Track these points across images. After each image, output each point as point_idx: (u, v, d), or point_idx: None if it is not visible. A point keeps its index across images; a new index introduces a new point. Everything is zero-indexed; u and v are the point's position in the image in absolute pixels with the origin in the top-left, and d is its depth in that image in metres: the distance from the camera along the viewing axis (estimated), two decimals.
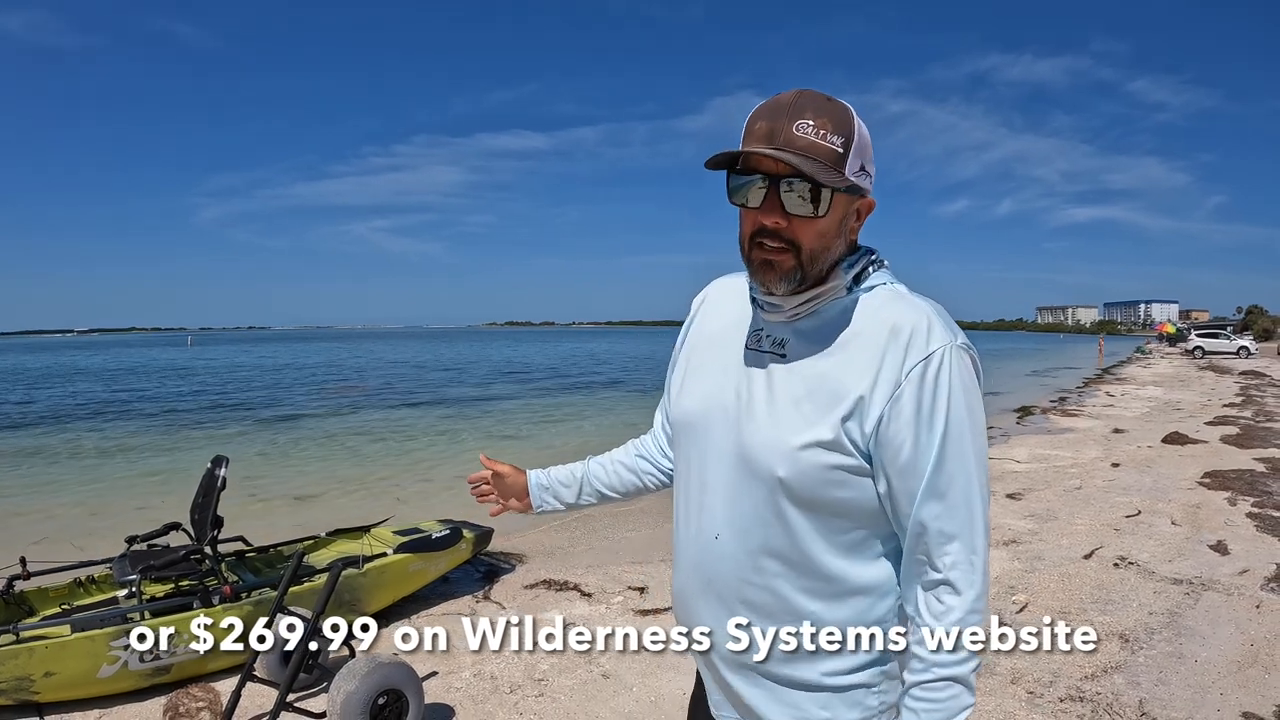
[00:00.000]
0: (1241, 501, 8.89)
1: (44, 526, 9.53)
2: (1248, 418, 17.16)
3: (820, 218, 1.37)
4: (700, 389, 1.57)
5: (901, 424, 1.35)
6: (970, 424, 1.37)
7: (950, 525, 1.36)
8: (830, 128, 1.34)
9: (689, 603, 1.57)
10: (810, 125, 1.34)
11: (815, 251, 1.39)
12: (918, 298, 1.45)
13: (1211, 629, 5.26)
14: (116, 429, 19.03)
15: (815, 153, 1.33)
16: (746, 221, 1.42)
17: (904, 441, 1.35)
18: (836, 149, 1.35)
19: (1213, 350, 49.90)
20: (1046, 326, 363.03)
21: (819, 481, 1.39)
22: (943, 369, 1.35)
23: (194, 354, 74.82)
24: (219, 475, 5.05)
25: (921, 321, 1.38)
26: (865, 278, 1.46)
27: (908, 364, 1.36)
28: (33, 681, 4.22)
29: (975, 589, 1.36)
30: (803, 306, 1.44)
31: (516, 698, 4.49)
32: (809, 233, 1.38)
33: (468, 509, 9.22)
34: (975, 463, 1.37)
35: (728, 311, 1.61)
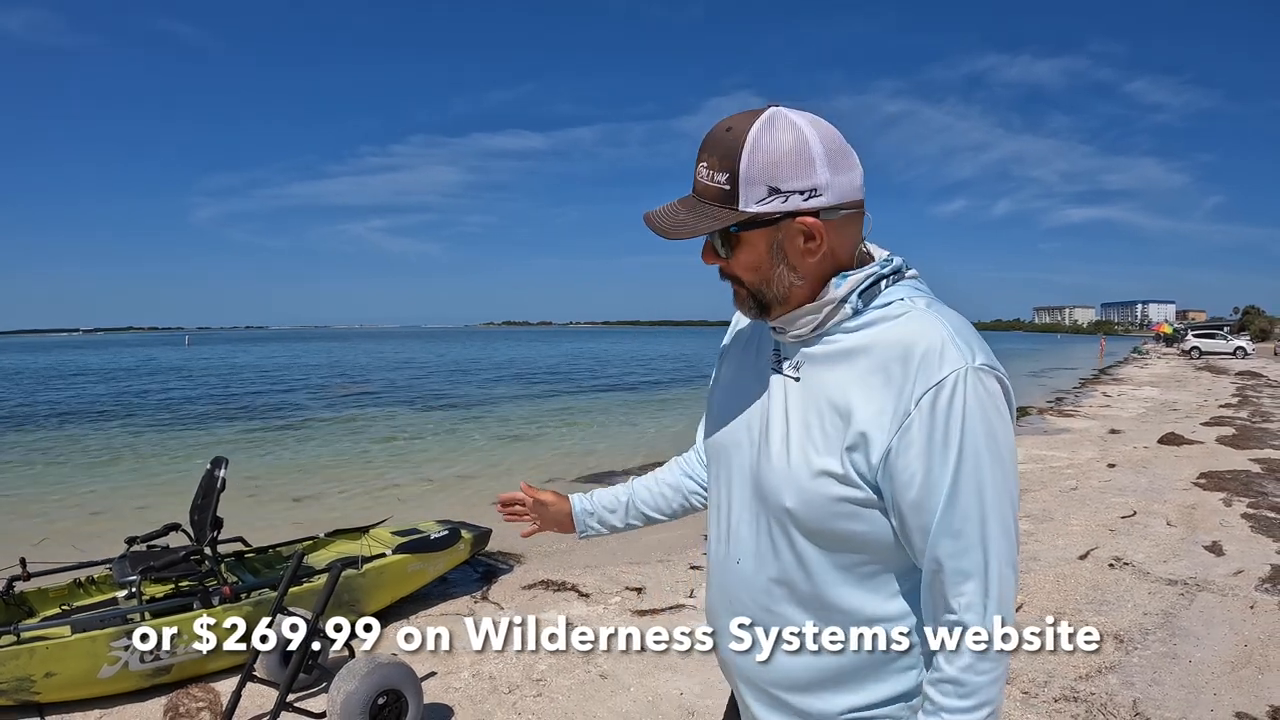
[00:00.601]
0: (1237, 502, 8.91)
1: (44, 527, 9.54)
2: (1244, 418, 17.18)
3: (730, 259, 1.36)
4: (726, 413, 1.53)
5: (911, 456, 1.25)
6: (990, 454, 1.24)
7: (966, 563, 1.26)
8: (716, 164, 1.29)
9: (715, 623, 1.55)
10: (705, 167, 1.31)
11: (755, 283, 1.37)
12: (937, 313, 1.33)
13: (1206, 629, 5.28)
14: (115, 430, 19.01)
15: (706, 195, 1.31)
16: None
17: (914, 475, 1.25)
18: (721, 187, 1.29)
19: (1209, 350, 49.94)
20: (1043, 327, 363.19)
21: (827, 514, 1.33)
22: (956, 395, 1.23)
23: (192, 354, 74.70)
24: (218, 476, 5.07)
25: (935, 342, 1.27)
26: (876, 294, 1.36)
27: (917, 390, 1.25)
28: (33, 682, 4.23)
29: (987, 633, 1.26)
30: (804, 328, 1.38)
31: (515, 698, 4.51)
32: (741, 267, 1.36)
33: (466, 509, 9.25)
34: (995, 496, 1.25)
35: (755, 330, 1.56)
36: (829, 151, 1.29)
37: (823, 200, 1.29)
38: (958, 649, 1.27)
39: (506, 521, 1.93)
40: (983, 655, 1.26)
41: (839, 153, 1.31)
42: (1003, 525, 1.26)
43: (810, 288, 1.36)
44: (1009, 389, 1.29)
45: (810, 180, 1.28)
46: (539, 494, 1.89)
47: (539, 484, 1.95)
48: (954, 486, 1.24)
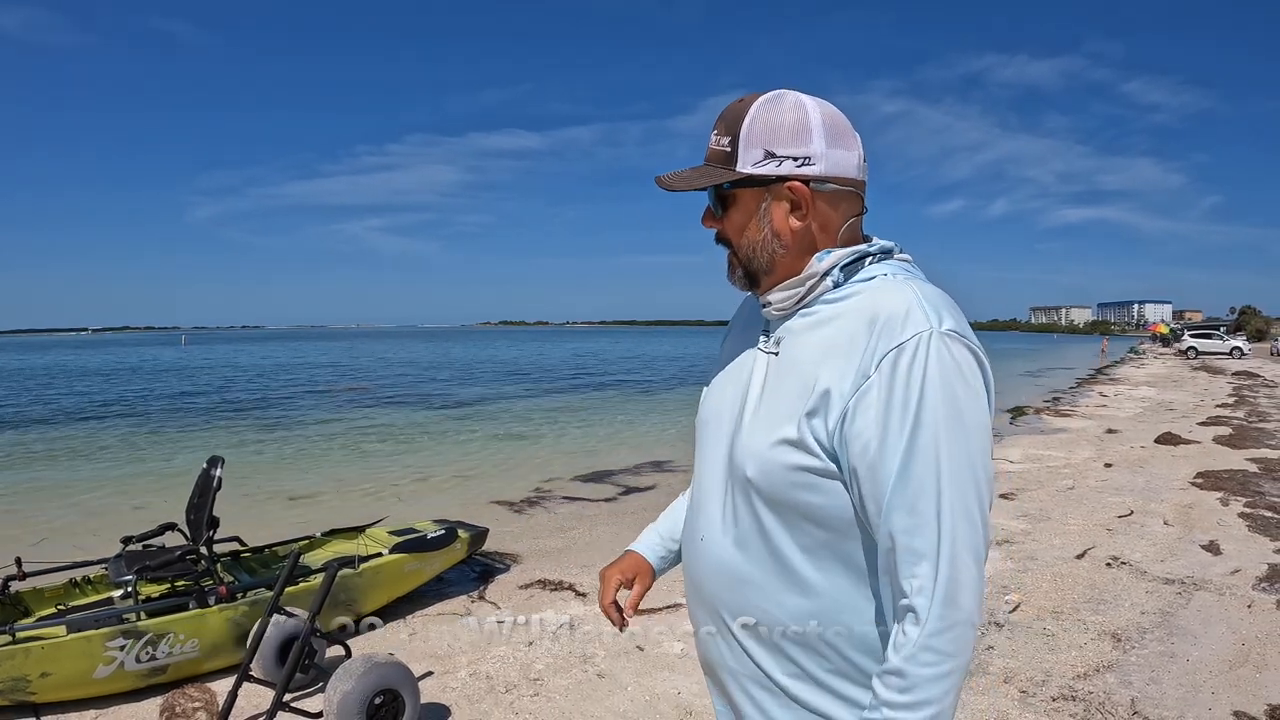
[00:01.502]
0: (1234, 502, 8.92)
1: (40, 527, 9.53)
2: (1240, 418, 17.21)
3: (725, 215, 1.41)
4: (714, 392, 1.54)
5: (868, 420, 1.20)
6: (950, 422, 1.17)
7: (919, 542, 1.17)
8: (722, 129, 1.37)
9: (689, 606, 1.55)
10: (714, 135, 1.39)
11: (743, 247, 1.40)
12: (911, 283, 1.30)
13: (1203, 628, 5.28)
14: (111, 429, 19.00)
15: (711, 159, 1.39)
16: None
17: (869, 440, 1.19)
18: (724, 149, 1.36)
19: (1206, 351, 50.11)
20: (1040, 327, 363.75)
21: (785, 483, 1.28)
22: (917, 358, 1.18)
23: (188, 353, 74.69)
24: (214, 475, 5.05)
25: (900, 306, 1.23)
26: (859, 269, 1.35)
27: (878, 352, 1.21)
28: (29, 682, 4.22)
29: (936, 621, 1.16)
30: (786, 301, 1.39)
31: (512, 697, 4.50)
32: (732, 230, 1.41)
33: (463, 509, 9.26)
34: (954, 470, 1.18)
35: (752, 314, 1.56)
36: (827, 125, 1.33)
37: (815, 169, 1.33)
38: (904, 635, 1.18)
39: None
40: (926, 647, 1.16)
41: (837, 129, 1.35)
42: (963, 504, 1.18)
43: (795, 260, 1.38)
44: (983, 362, 1.24)
45: (805, 148, 1.32)
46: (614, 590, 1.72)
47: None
48: (908, 454, 1.17)
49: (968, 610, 1.18)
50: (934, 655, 1.16)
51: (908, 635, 1.17)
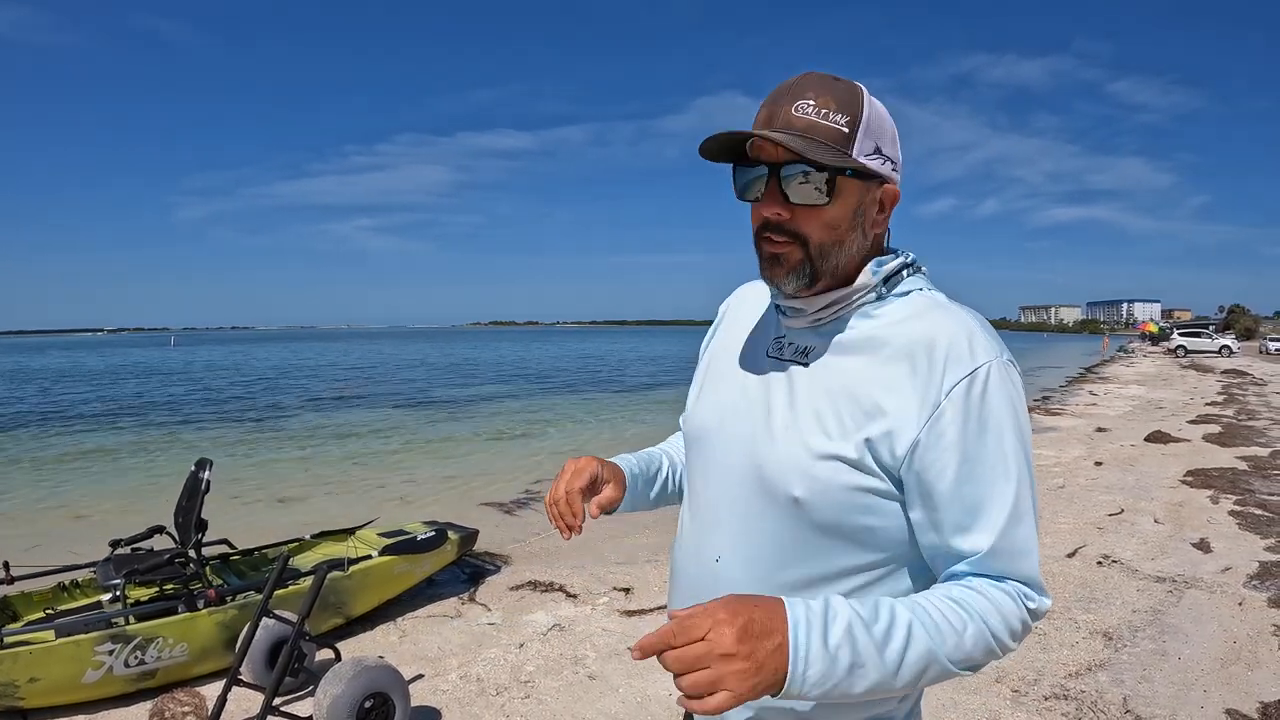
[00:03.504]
0: (1224, 500, 8.95)
1: (26, 529, 9.48)
2: (1230, 416, 17.28)
3: (825, 205, 1.23)
4: (716, 399, 1.45)
5: (944, 448, 1.17)
6: (1021, 445, 1.20)
7: (1008, 544, 1.19)
8: (833, 105, 1.21)
9: None
10: (811, 105, 1.21)
11: (825, 245, 1.25)
12: (957, 306, 1.29)
13: (1195, 626, 5.29)
14: (99, 431, 18.93)
15: (816, 133, 1.20)
16: (753, 216, 1.29)
17: (946, 467, 1.17)
18: (840, 128, 1.21)
19: (1195, 349, 50.35)
20: (1030, 325, 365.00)
21: (841, 505, 1.22)
22: (989, 386, 1.18)
23: (178, 355, 74.46)
24: (203, 478, 5.03)
25: (962, 333, 1.22)
26: (899, 282, 1.32)
27: (948, 381, 1.18)
28: (17, 687, 4.19)
29: (1038, 600, 1.21)
30: (826, 311, 1.31)
31: (503, 700, 4.48)
32: (815, 223, 1.24)
33: (453, 510, 9.23)
34: (1027, 489, 1.21)
35: (751, 317, 1.50)
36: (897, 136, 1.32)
37: (898, 177, 1.31)
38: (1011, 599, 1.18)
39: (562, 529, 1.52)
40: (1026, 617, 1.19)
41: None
42: (1033, 520, 1.22)
43: (858, 266, 1.30)
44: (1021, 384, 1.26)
45: (898, 153, 1.30)
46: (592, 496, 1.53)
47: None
48: (990, 479, 1.18)
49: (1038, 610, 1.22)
50: (1023, 623, 1.19)
51: (1014, 598, 1.18)
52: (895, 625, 1.07)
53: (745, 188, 1.28)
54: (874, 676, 1.05)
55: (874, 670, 1.04)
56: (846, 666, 1.02)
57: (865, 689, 1.05)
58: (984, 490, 1.18)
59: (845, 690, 1.03)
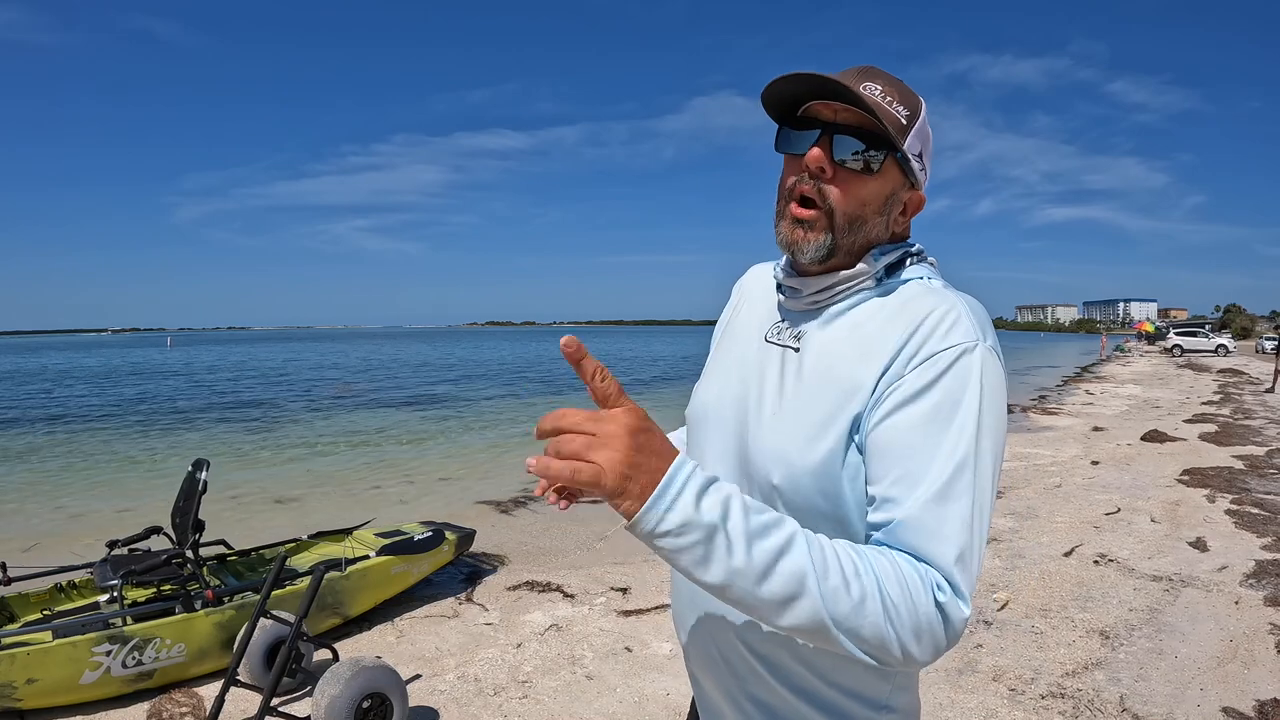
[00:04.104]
0: (1220, 499, 8.96)
1: (23, 530, 9.46)
2: (1226, 415, 17.30)
3: (868, 176, 1.23)
4: (714, 384, 1.43)
5: (894, 415, 1.13)
6: (978, 433, 1.12)
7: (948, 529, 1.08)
8: (897, 97, 1.23)
9: (681, 620, 1.46)
10: (878, 89, 1.22)
11: (851, 217, 1.24)
12: (952, 291, 1.25)
13: (1191, 625, 5.30)
14: (96, 432, 18.89)
15: (880, 114, 1.20)
16: (788, 172, 1.28)
17: (892, 433, 1.13)
18: (900, 118, 1.22)
19: (1191, 348, 50.48)
20: (1026, 325, 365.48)
21: (818, 491, 1.19)
22: (959, 364, 1.13)
23: (174, 355, 74.37)
24: (200, 478, 5.03)
25: (947, 313, 1.18)
26: (900, 270, 1.30)
27: (920, 355, 1.15)
28: (15, 688, 4.19)
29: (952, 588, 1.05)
30: (823, 294, 1.29)
31: (500, 700, 4.48)
32: (849, 193, 1.23)
33: (450, 510, 9.23)
34: (970, 476, 1.10)
35: (757, 301, 1.48)
36: None
37: (925, 187, 1.34)
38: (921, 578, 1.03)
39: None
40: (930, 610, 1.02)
41: None
42: (982, 503, 1.11)
43: (861, 255, 1.29)
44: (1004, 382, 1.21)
45: (930, 165, 1.33)
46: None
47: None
48: (934, 451, 1.10)
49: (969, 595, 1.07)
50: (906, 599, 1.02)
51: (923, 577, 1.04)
52: (779, 528, 0.98)
53: (792, 141, 1.28)
54: (734, 563, 0.94)
55: (736, 558, 0.94)
56: (705, 534, 0.93)
57: (720, 574, 0.95)
58: (921, 463, 1.10)
59: (696, 561, 0.94)
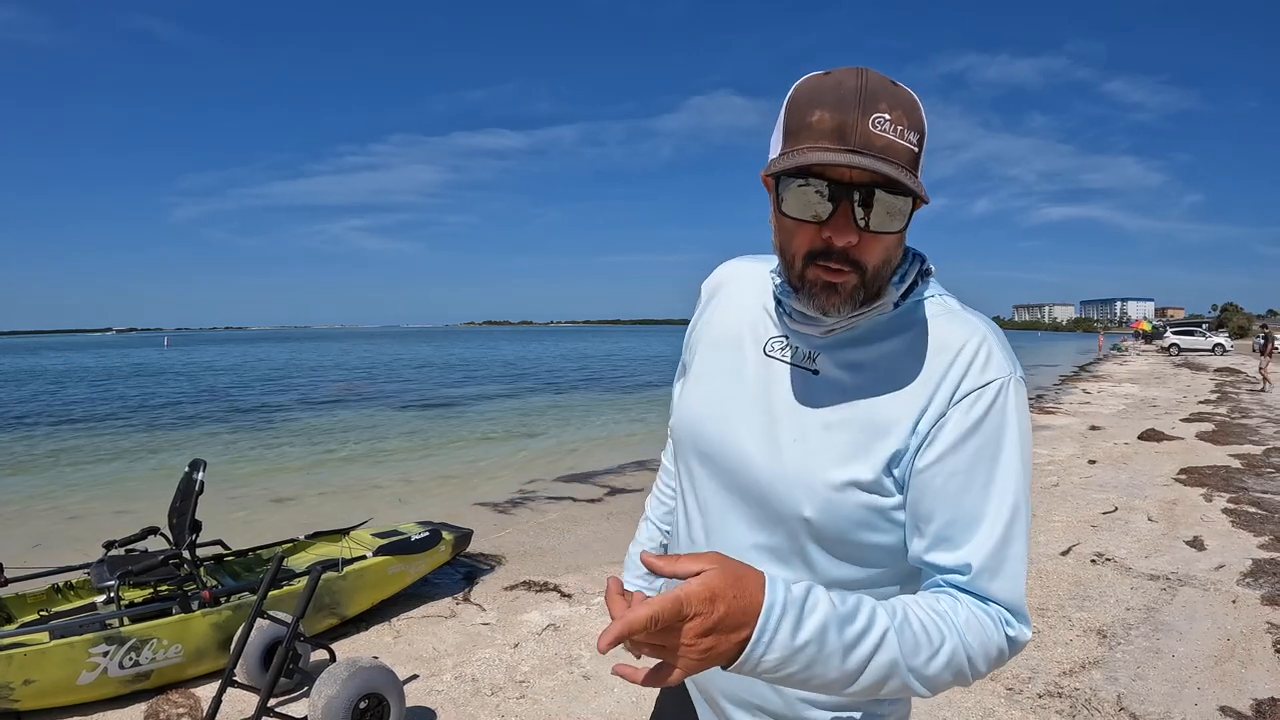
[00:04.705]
0: (1217, 497, 8.97)
1: (20, 531, 9.45)
2: (1223, 414, 17.32)
3: (899, 233, 1.14)
4: (709, 397, 1.36)
5: (943, 459, 1.14)
6: (1023, 470, 1.16)
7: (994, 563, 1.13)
8: (906, 122, 1.09)
9: None
10: (887, 120, 1.07)
11: (879, 269, 1.16)
12: (971, 314, 1.24)
13: (1188, 624, 5.31)
14: (93, 432, 18.86)
15: (893, 153, 1.07)
16: (802, 237, 1.15)
17: (943, 478, 1.14)
18: (913, 148, 1.10)
19: (1188, 348, 50.56)
20: (1023, 324, 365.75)
21: (853, 524, 1.19)
22: (998, 402, 1.15)
23: (171, 355, 74.30)
24: (197, 479, 5.02)
25: (976, 345, 1.18)
26: (913, 288, 1.25)
27: (959, 392, 1.15)
28: (12, 689, 4.18)
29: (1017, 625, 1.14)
30: (844, 322, 1.21)
31: (498, 700, 4.48)
32: (878, 249, 1.14)
33: (447, 510, 9.23)
34: (1023, 513, 1.16)
35: (744, 306, 1.40)
36: None
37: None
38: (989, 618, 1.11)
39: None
40: (1003, 644, 1.11)
41: None
42: (1024, 542, 1.16)
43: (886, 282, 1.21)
44: None
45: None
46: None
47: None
48: (987, 491, 1.14)
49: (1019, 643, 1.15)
50: (1003, 647, 1.12)
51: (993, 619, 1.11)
52: (870, 631, 1.01)
53: (800, 204, 1.12)
54: (830, 677, 0.99)
55: (833, 671, 0.99)
56: (806, 662, 0.97)
57: (813, 686, 1.00)
58: (978, 506, 1.13)
59: (792, 683, 0.99)
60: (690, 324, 1.54)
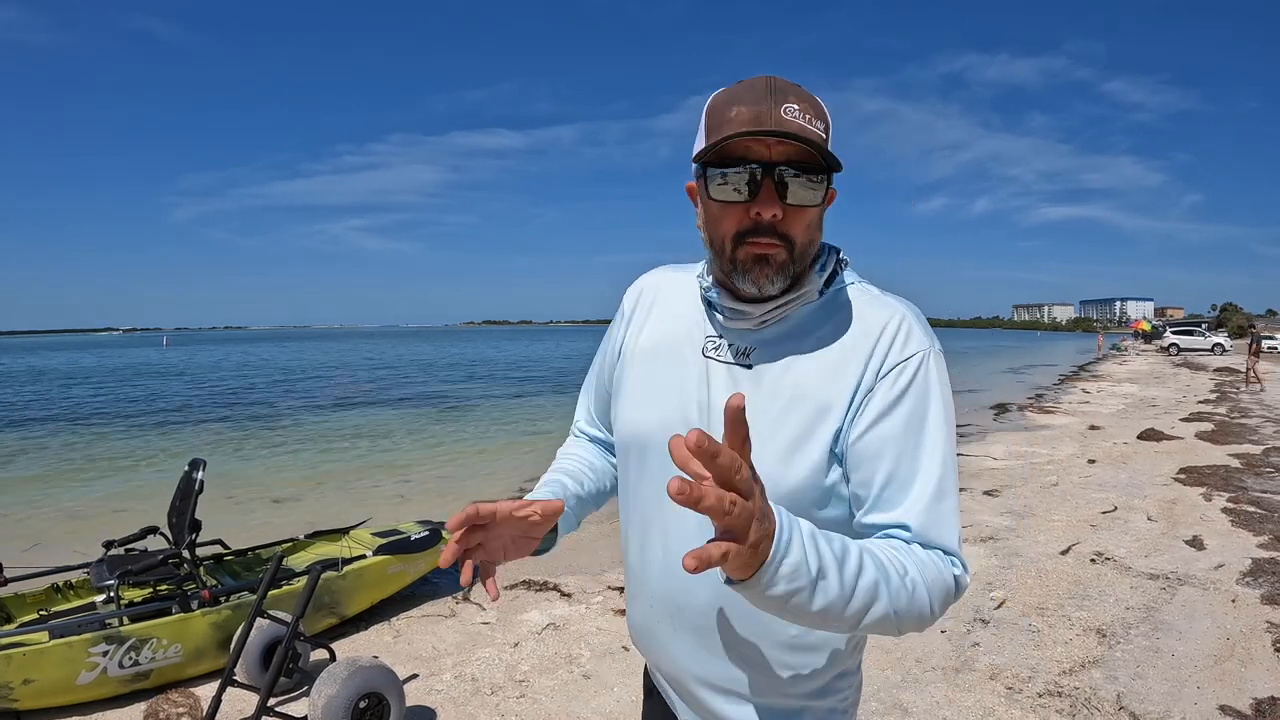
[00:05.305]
0: (1217, 497, 8.97)
1: (20, 531, 9.44)
2: (1222, 414, 17.32)
3: (814, 206, 1.24)
4: (651, 406, 1.41)
5: (875, 427, 1.23)
6: (947, 431, 1.26)
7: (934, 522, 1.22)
8: (813, 112, 1.21)
9: (656, 634, 1.45)
10: (796, 109, 1.19)
11: (804, 245, 1.26)
12: (890, 297, 1.34)
13: (1188, 623, 5.31)
14: (92, 432, 18.86)
15: (807, 137, 1.18)
16: (730, 219, 1.24)
17: (877, 445, 1.23)
18: (822, 135, 1.21)
19: (1188, 347, 50.59)
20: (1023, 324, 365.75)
21: (808, 503, 1.26)
22: (919, 373, 1.25)
23: (171, 355, 74.29)
24: (196, 478, 5.02)
25: (900, 323, 1.28)
26: (835, 279, 1.34)
27: (885, 366, 1.25)
28: (12, 689, 4.18)
29: (960, 567, 1.23)
30: (773, 312, 1.30)
31: (498, 699, 4.48)
32: (801, 224, 1.24)
33: (447, 510, 9.22)
34: (951, 470, 1.25)
35: (678, 315, 1.46)
36: None
37: None
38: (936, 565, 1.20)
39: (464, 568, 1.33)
40: (951, 582, 1.20)
41: None
42: (956, 494, 1.26)
43: (811, 263, 1.32)
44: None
45: None
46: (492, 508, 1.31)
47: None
48: (917, 453, 1.23)
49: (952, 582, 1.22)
50: (949, 589, 1.20)
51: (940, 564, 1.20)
52: (849, 550, 1.08)
53: (726, 186, 1.23)
54: (831, 592, 1.03)
55: (833, 584, 1.03)
56: (813, 573, 1.00)
57: (821, 606, 1.03)
58: (911, 467, 1.23)
59: (803, 602, 1.01)
60: (612, 332, 1.59)
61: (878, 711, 4.22)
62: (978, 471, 11.08)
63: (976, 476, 10.63)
